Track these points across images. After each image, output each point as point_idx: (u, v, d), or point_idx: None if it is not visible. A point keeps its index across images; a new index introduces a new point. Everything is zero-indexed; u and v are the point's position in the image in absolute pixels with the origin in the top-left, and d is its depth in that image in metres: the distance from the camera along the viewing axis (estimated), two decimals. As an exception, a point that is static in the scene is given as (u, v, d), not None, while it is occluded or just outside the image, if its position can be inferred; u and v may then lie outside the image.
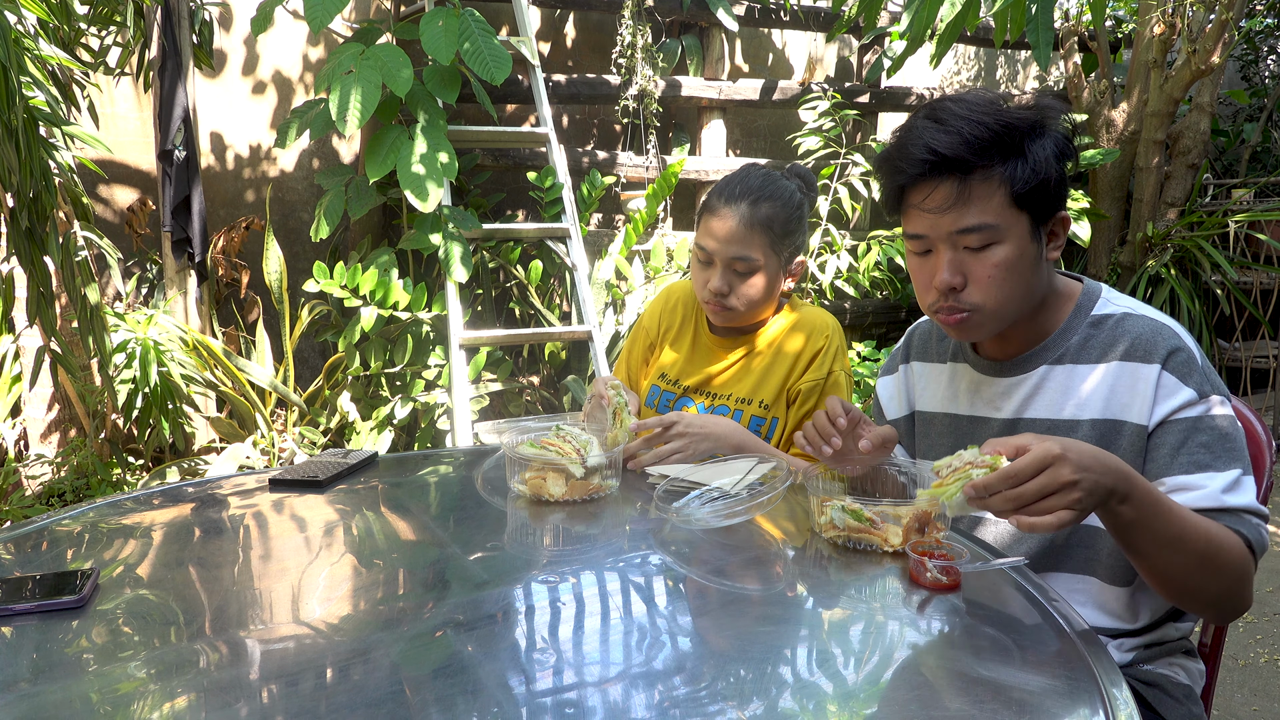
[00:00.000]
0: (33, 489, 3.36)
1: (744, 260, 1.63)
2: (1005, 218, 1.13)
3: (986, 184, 1.12)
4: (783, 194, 1.67)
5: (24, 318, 3.23)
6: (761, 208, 1.63)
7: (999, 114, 1.12)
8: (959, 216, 1.13)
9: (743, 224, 1.62)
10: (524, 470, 1.35)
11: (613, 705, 0.79)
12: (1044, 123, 1.15)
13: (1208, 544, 1.02)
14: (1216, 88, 4.69)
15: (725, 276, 1.65)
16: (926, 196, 1.15)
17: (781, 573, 1.12)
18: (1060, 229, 1.19)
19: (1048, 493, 0.91)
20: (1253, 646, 2.64)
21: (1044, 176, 1.12)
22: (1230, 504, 1.07)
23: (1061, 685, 0.83)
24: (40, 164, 2.30)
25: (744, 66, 5.33)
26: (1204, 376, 1.13)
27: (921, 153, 1.12)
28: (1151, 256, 4.62)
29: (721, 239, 1.64)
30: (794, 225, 1.68)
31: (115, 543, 1.19)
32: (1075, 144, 1.19)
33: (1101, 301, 1.23)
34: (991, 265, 1.14)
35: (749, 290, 1.66)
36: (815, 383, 1.68)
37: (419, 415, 3.71)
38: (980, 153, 1.11)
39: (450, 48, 3.30)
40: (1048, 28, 2.65)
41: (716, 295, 1.65)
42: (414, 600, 1.02)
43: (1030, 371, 1.24)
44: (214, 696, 0.79)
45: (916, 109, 1.21)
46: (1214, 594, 1.07)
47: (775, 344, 1.72)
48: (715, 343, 1.78)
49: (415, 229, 3.47)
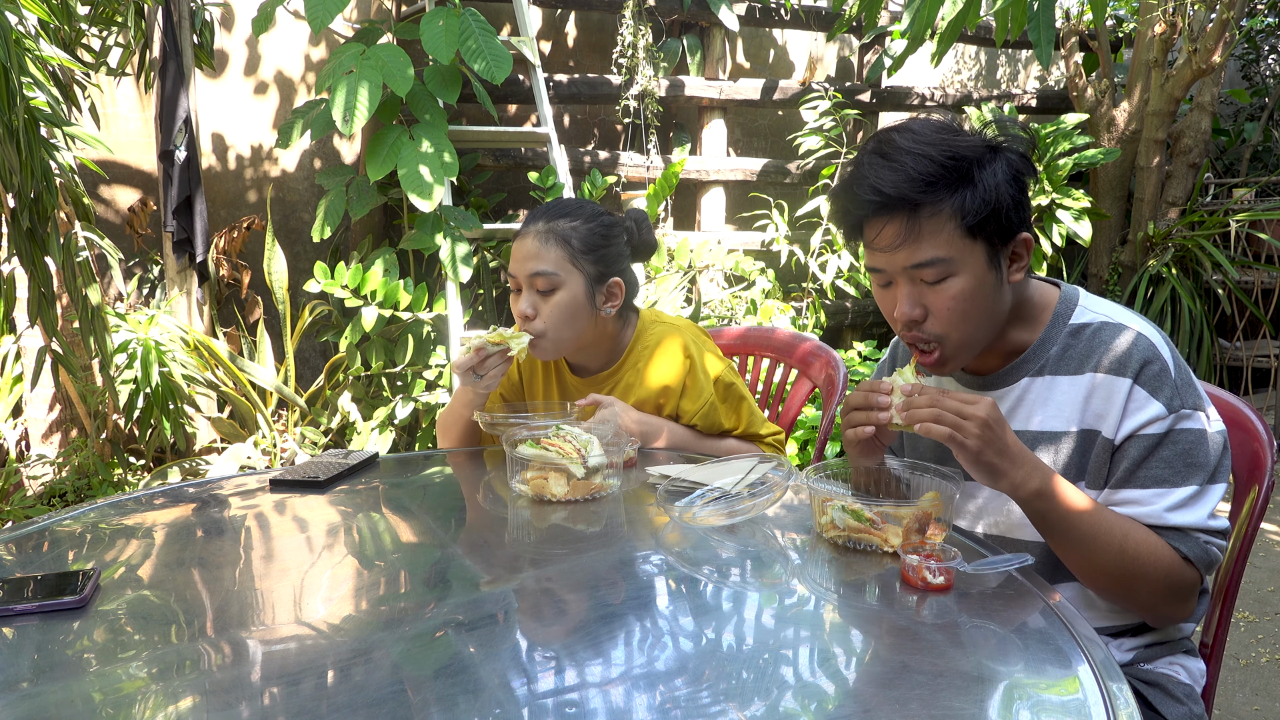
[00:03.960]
0: (34, 489, 3.36)
1: (542, 275, 1.60)
2: (959, 249, 1.12)
3: (936, 218, 1.11)
4: (583, 212, 1.66)
5: (25, 318, 3.23)
6: (558, 223, 1.62)
7: (946, 146, 1.11)
8: (911, 252, 1.12)
9: (538, 240, 1.62)
10: (525, 470, 1.35)
11: (614, 705, 0.79)
12: (997, 147, 1.14)
13: (1122, 548, 1.09)
14: (1217, 87, 4.69)
15: (529, 298, 1.62)
16: (878, 234, 1.14)
17: (782, 573, 1.12)
18: (1023, 249, 1.17)
19: (961, 415, 1.06)
20: (1254, 646, 2.64)
21: (995, 205, 1.11)
22: (1172, 522, 1.11)
23: (1062, 684, 0.82)
24: (41, 164, 2.30)
25: (745, 65, 5.33)
26: (1175, 389, 1.13)
27: (867, 193, 1.12)
28: (1152, 256, 4.62)
29: (520, 258, 1.63)
30: (598, 242, 1.64)
31: (116, 543, 1.19)
32: (1039, 159, 1.18)
33: (1079, 310, 1.22)
34: (949, 297, 1.13)
35: (553, 310, 1.61)
36: (706, 405, 1.68)
37: (420, 415, 3.71)
38: (926, 189, 1.10)
39: (451, 47, 3.30)
40: (1049, 26, 2.65)
41: (523, 319, 1.63)
42: (415, 600, 1.02)
43: (1012, 385, 1.23)
44: (215, 697, 0.79)
45: (868, 140, 1.19)
46: (1143, 599, 1.14)
47: (637, 373, 1.71)
48: (580, 384, 1.76)
49: (416, 229, 3.48)
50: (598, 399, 1.62)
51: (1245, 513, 1.30)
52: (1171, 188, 4.73)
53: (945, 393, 1.10)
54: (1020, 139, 1.16)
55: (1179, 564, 1.11)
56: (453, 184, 3.53)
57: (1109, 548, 1.09)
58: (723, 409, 1.70)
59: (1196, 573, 1.12)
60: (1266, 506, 1.29)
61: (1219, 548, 1.13)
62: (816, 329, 4.53)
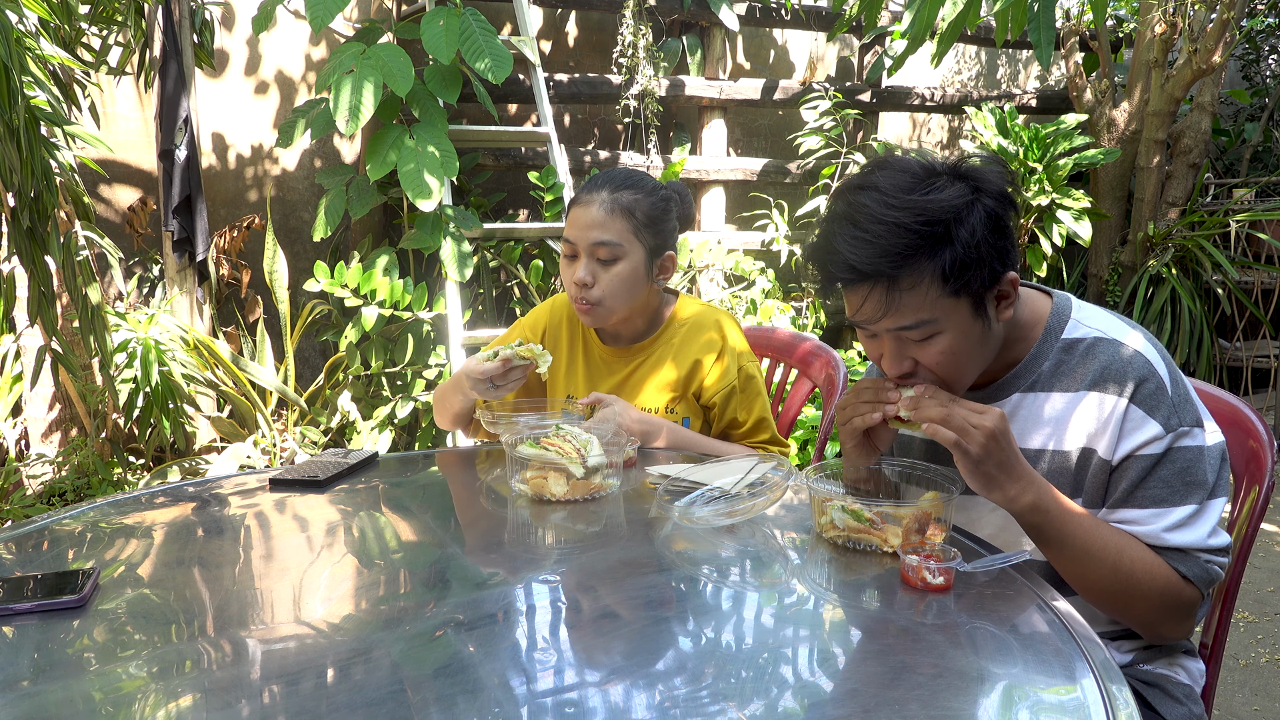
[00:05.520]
0: (34, 488, 3.36)
1: (605, 245, 1.62)
2: (941, 309, 1.09)
3: (917, 286, 1.08)
4: (645, 185, 1.67)
5: (25, 317, 3.23)
6: (623, 195, 1.64)
7: (918, 208, 1.06)
8: (894, 320, 1.10)
9: (603, 209, 1.63)
10: (525, 469, 1.35)
11: (613, 705, 0.79)
12: (974, 192, 1.09)
13: (1116, 564, 1.09)
14: (1218, 87, 4.69)
15: (589, 266, 1.64)
16: (858, 308, 1.12)
17: (782, 573, 1.12)
18: (1010, 289, 1.14)
19: (969, 422, 1.06)
20: (1254, 646, 2.64)
21: (977, 260, 1.07)
22: (1171, 543, 1.11)
23: (1062, 685, 0.83)
24: (41, 163, 2.30)
25: (745, 65, 5.33)
26: (1173, 408, 1.12)
27: (841, 270, 1.09)
28: (1152, 256, 4.62)
29: (582, 226, 1.64)
30: (658, 216, 1.66)
31: (116, 542, 1.19)
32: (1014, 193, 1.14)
33: (1072, 323, 1.20)
34: (937, 352, 1.12)
35: (613, 280, 1.63)
36: (728, 387, 1.69)
37: (420, 415, 3.71)
38: (903, 261, 1.06)
39: (451, 47, 3.30)
40: (1049, 27, 2.65)
41: (580, 286, 1.64)
42: (415, 600, 1.02)
43: (1004, 399, 1.22)
44: (215, 696, 0.79)
45: (834, 194, 1.15)
46: (1139, 615, 1.13)
47: (670, 348, 1.72)
48: (609, 354, 1.77)
49: (416, 228, 3.48)
50: (599, 397, 1.62)
51: (1245, 513, 1.29)
52: (1171, 188, 4.73)
53: (956, 400, 1.10)
54: (994, 172, 1.11)
55: (1177, 583, 1.10)
56: (453, 184, 3.52)
57: (1103, 563, 1.09)
58: (740, 398, 1.71)
59: (1197, 592, 1.11)
60: (1266, 507, 1.29)
61: (1220, 565, 1.12)
62: (816, 329, 4.53)
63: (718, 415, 1.72)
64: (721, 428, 1.74)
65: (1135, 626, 1.18)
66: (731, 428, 1.74)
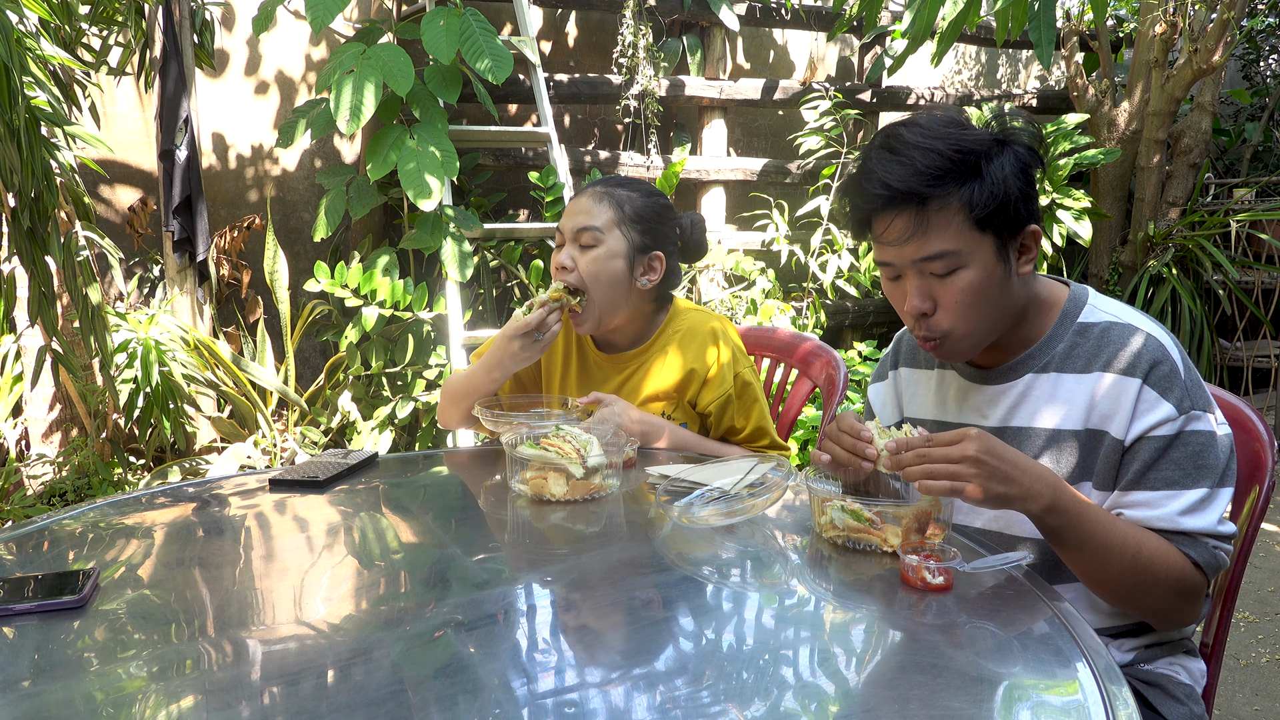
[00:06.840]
0: (34, 489, 3.36)
1: (588, 230, 1.63)
2: (967, 242, 1.13)
3: (944, 211, 1.12)
4: (642, 186, 1.69)
5: (25, 317, 3.23)
6: (617, 190, 1.67)
7: (953, 139, 1.12)
8: (920, 246, 1.13)
9: (591, 198, 1.66)
10: (525, 470, 1.35)
11: (614, 705, 0.79)
12: (1005, 139, 1.14)
13: (1136, 559, 1.08)
14: (1218, 87, 4.69)
15: (570, 250, 1.65)
16: (886, 228, 1.15)
17: (782, 573, 1.12)
18: (1031, 242, 1.17)
19: (950, 460, 1.02)
20: (1254, 646, 2.64)
21: (1004, 197, 1.11)
22: (1185, 526, 1.11)
23: (1062, 685, 0.82)
24: (42, 164, 2.30)
25: (745, 65, 5.33)
26: (1185, 391, 1.13)
27: (875, 187, 1.13)
28: (1153, 256, 4.62)
29: (570, 214, 1.66)
30: (649, 215, 1.67)
31: (116, 542, 1.19)
32: (1043, 153, 1.18)
33: (1088, 309, 1.22)
34: (958, 290, 1.14)
35: (590, 264, 1.63)
36: (724, 395, 1.68)
37: (420, 415, 3.71)
38: (934, 182, 1.10)
39: (451, 47, 3.30)
40: (1050, 26, 2.65)
41: (560, 270, 1.65)
42: (415, 600, 1.02)
43: (1016, 380, 1.23)
44: (215, 696, 0.79)
45: (875, 135, 1.20)
46: (1153, 605, 1.13)
47: (666, 354, 1.71)
48: (604, 361, 1.77)
49: (416, 229, 3.47)
50: (599, 397, 1.62)
51: (1246, 513, 1.30)
52: (1172, 188, 4.73)
53: (928, 440, 1.06)
54: (1026, 131, 1.17)
55: (1189, 570, 1.10)
56: (453, 184, 3.52)
57: (1123, 558, 1.08)
58: (737, 404, 1.70)
59: (1204, 577, 1.12)
60: (1267, 507, 1.29)
61: (1226, 552, 1.13)
62: (817, 329, 4.53)
63: (714, 423, 1.72)
64: (719, 435, 1.74)
65: (1147, 617, 1.17)
66: (729, 434, 1.74)
